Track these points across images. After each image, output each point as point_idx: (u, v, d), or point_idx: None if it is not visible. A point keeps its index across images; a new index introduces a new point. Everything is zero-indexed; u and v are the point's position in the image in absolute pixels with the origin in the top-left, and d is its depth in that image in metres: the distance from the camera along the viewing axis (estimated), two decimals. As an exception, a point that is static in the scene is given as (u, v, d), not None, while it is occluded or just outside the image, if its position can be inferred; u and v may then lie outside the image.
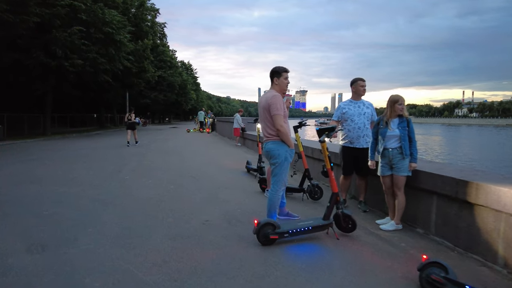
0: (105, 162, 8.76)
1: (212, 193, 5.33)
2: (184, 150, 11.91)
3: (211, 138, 18.64)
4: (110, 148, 12.69)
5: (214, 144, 14.90)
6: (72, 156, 10.14)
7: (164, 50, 45.69)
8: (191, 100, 62.41)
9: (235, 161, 9.10)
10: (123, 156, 10.18)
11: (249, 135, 12.59)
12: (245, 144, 13.27)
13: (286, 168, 3.56)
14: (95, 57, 18.90)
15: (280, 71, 3.66)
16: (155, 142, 15.45)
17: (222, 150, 12.03)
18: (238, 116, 13.32)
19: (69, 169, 7.56)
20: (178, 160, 9.21)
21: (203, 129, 24.34)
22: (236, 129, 13.27)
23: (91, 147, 13.37)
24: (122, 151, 11.63)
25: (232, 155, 10.70)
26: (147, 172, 7.29)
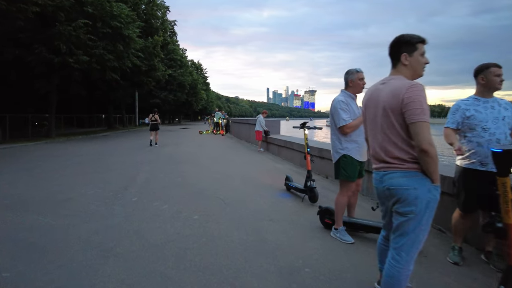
0: (110, 174, 7.23)
1: (254, 231, 3.71)
2: (201, 158, 10.33)
3: (227, 142, 17.06)
4: (117, 154, 11.21)
5: (232, 149, 13.30)
6: (72, 165, 8.65)
7: (175, 48, 44.42)
8: (202, 100, 61.10)
9: (265, 173, 7.47)
10: (131, 164, 8.66)
11: (273, 139, 10.95)
12: (269, 149, 11.63)
13: (427, 222, 1.90)
14: (102, 53, 17.56)
15: (413, 41, 2.00)
16: (167, 146, 13.93)
17: (245, 157, 10.42)
18: (261, 118, 11.69)
19: (63, 185, 6.04)
20: (196, 172, 7.62)
21: (217, 130, 22.81)
22: (259, 133, 11.65)
23: (96, 152, 11.91)
24: (130, 157, 10.13)
25: (258, 164, 9.07)
26: (160, 190, 5.71)
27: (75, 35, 15.65)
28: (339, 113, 3.35)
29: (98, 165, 8.64)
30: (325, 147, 7.11)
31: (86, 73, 19.02)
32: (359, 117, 3.35)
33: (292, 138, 10.14)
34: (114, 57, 18.66)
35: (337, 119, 3.37)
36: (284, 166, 8.53)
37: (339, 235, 3.53)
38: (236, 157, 10.56)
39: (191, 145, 14.71)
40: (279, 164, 8.93)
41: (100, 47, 17.56)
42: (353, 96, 3.47)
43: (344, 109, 3.35)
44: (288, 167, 8.40)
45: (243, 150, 12.71)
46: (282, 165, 8.78)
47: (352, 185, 3.51)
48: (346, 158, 3.39)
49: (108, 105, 29.76)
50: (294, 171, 7.83)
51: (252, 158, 10.18)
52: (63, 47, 15.33)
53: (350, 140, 3.41)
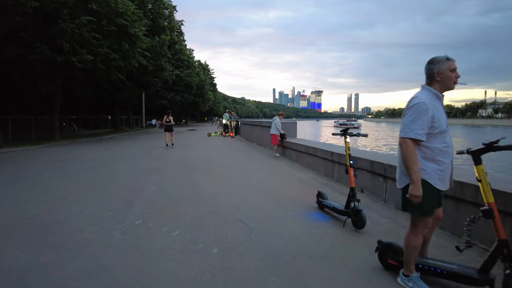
0: (112, 185, 6.36)
1: (295, 277, 2.78)
2: (213, 164, 9.43)
3: (238, 145, 16.15)
4: (122, 159, 10.37)
5: (245, 153, 12.37)
6: (71, 173, 7.81)
7: (182, 48, 43.73)
8: (209, 101, 60.39)
9: (288, 185, 6.53)
10: (136, 172, 7.79)
11: (291, 144, 10.00)
12: (286, 154, 10.68)
13: None
14: (106, 52, 16.79)
15: None
16: (174, 150, 13.07)
17: (261, 164, 9.48)
18: (278, 120, 10.73)
19: (56, 200, 5.18)
20: (210, 182, 6.71)
21: (226, 132, 21.92)
22: (274, 136, 10.70)
23: (99, 156, 11.10)
24: (135, 163, 9.27)
25: (277, 171, 8.13)
26: (169, 207, 4.80)
27: (78, 33, 14.92)
28: (412, 120, 2.35)
29: (100, 173, 7.79)
30: (359, 154, 6.13)
31: (91, 73, 18.31)
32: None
33: (313, 143, 9.17)
34: (119, 57, 17.89)
35: (405, 126, 2.38)
36: (307, 175, 7.58)
37: (412, 285, 2.57)
38: (251, 163, 9.62)
39: (200, 149, 13.83)
40: (300, 172, 7.97)
41: (105, 46, 16.80)
42: (440, 95, 2.49)
43: (421, 117, 2.33)
44: (311, 176, 7.44)
45: (256, 154, 11.78)
46: (304, 173, 7.82)
47: (428, 220, 2.54)
48: (422, 186, 2.39)
49: (114, 106, 29.08)
50: (320, 182, 6.87)
51: (268, 165, 9.23)
52: (66, 46, 14.59)
53: (431, 159, 2.41)
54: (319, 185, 6.49)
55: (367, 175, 5.80)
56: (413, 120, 2.34)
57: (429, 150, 2.40)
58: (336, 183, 6.74)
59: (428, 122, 2.34)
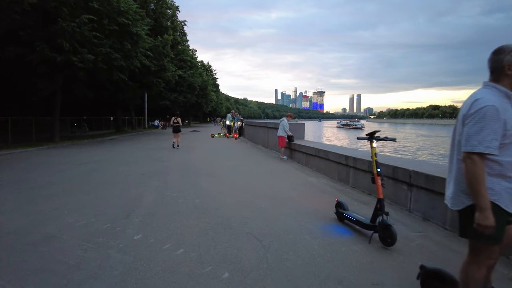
0: (110, 192, 5.90)
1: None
2: (218, 167, 8.96)
3: (242, 146, 15.68)
4: (122, 162, 9.93)
5: (251, 155, 11.90)
6: (67, 178, 7.37)
7: (184, 49, 43.38)
8: (212, 102, 60.01)
9: (301, 191, 6.04)
10: (137, 177, 7.33)
11: (300, 146, 9.51)
12: (293, 157, 10.19)
13: None
14: (108, 52, 16.39)
15: None
16: (177, 153, 12.63)
17: (268, 167, 9.00)
18: (286, 122, 10.25)
19: (47, 210, 4.72)
20: (216, 188, 6.24)
21: (230, 133, 21.47)
22: (282, 138, 10.22)
23: (99, 159, 10.67)
24: (136, 166, 8.82)
25: (286, 176, 7.64)
26: (172, 219, 4.34)
27: (79, 32, 14.52)
28: (479, 129, 1.84)
29: (98, 178, 7.33)
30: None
31: (92, 73, 17.93)
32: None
33: (324, 146, 8.68)
34: (121, 56, 17.49)
35: (471, 137, 1.87)
36: (319, 181, 7.09)
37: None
38: (258, 166, 9.14)
39: (204, 151, 13.37)
40: (311, 177, 7.48)
41: (107, 45, 16.40)
42: (510, 93, 1.98)
43: (491, 124, 1.82)
44: (323, 182, 6.95)
45: (262, 157, 11.30)
46: (315, 178, 7.33)
47: (495, 249, 2.03)
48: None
49: (116, 107, 28.71)
50: (334, 188, 6.38)
51: (276, 168, 8.74)
52: (66, 45, 14.19)
53: (500, 175, 1.90)
54: (333, 192, 6.00)
55: (387, 182, 5.29)
56: (481, 129, 1.83)
57: (498, 164, 1.87)
58: (352, 189, 6.25)
59: (501, 131, 1.83)
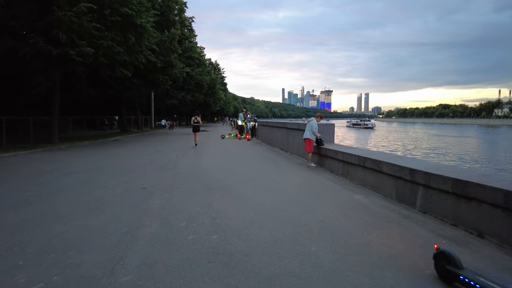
0: (92, 222, 4.33)
1: None
2: (234, 178, 7.35)
3: (258, 149, 14.04)
4: (122, 170, 8.39)
5: (271, 162, 10.26)
6: (45, 194, 5.85)
7: (192, 46, 41.94)
8: (220, 101, 58.55)
9: (353, 218, 4.39)
10: (135, 194, 5.77)
11: (334, 152, 7.84)
12: (325, 164, 8.53)
13: None
14: (110, 45, 14.92)
15: None
16: (185, 158, 11.07)
17: (297, 179, 7.34)
18: (314, 122, 8.59)
19: (3, 252, 3.18)
20: (237, 213, 4.62)
21: (242, 134, 19.87)
22: (310, 142, 8.56)
23: (95, 166, 9.15)
24: (137, 177, 7.26)
25: (325, 193, 5.99)
26: (181, 273, 2.75)
27: (77, 23, 13.05)
28: None
29: (86, 195, 5.78)
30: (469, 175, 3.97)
31: (94, 69, 16.53)
32: None
33: (372, 153, 6.96)
34: (124, 50, 16.02)
35: None
36: (371, 201, 5.42)
37: None
38: (284, 177, 7.49)
39: (216, 155, 11.77)
40: (358, 194, 5.81)
41: (108, 38, 14.93)
42: None
43: None
44: (378, 203, 5.29)
45: (285, 164, 9.65)
46: (364, 197, 5.66)
47: None
48: None
49: (121, 106, 27.35)
50: (397, 212, 4.72)
51: (308, 181, 7.09)
52: (63, 37, 12.75)
53: None
54: (400, 220, 4.34)
55: (491, 211, 3.63)
56: None
57: None
58: (423, 216, 4.58)
59: None
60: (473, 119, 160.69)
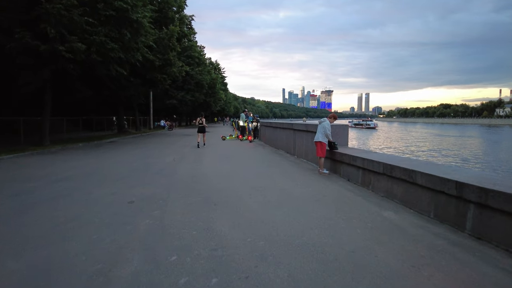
0: (60, 253, 3.40)
1: None
2: (238, 188, 6.40)
3: (261, 152, 13.10)
4: (111, 177, 7.45)
5: (277, 167, 9.30)
6: (16, 209, 4.91)
7: (192, 44, 41.00)
8: (220, 101, 57.59)
9: (391, 247, 3.42)
10: (118, 212, 4.83)
11: (352, 158, 6.89)
12: (338, 170, 7.58)
13: None
14: (103, 41, 14.00)
15: None
16: (183, 162, 10.15)
17: (310, 189, 6.38)
18: (327, 124, 7.62)
19: None
20: (243, 240, 3.68)
21: (244, 135, 18.94)
22: (322, 145, 7.60)
23: (82, 172, 8.21)
24: (127, 186, 6.33)
25: (346, 207, 5.03)
26: None
27: (67, 17, 12.15)
28: None
29: (62, 212, 4.84)
30: None
31: (88, 67, 15.61)
32: None
33: (400, 160, 5.95)
34: (119, 47, 15.10)
35: None
36: (404, 219, 4.47)
37: None
38: (294, 185, 6.53)
39: (216, 159, 10.82)
40: (387, 211, 4.84)
41: (102, 34, 14.02)
42: None
43: None
44: (414, 222, 4.33)
45: (293, 169, 8.70)
46: (395, 214, 4.70)
47: None
48: None
49: (119, 106, 26.41)
50: (442, 237, 3.76)
51: (323, 191, 6.12)
52: (51, 31, 11.82)
53: None
54: (449, 248, 3.39)
55: None
56: None
57: None
58: (477, 242, 3.62)
59: None
60: (474, 118, 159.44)
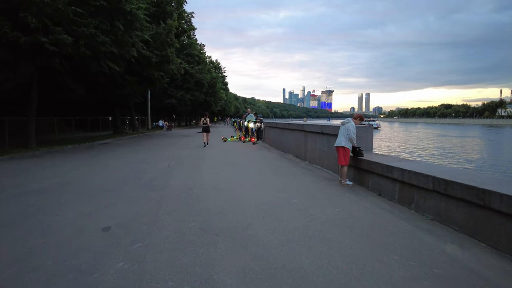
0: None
1: None
2: (245, 208, 5.12)
3: (268, 157, 11.82)
4: (89, 189, 6.19)
5: (288, 176, 8.02)
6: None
7: (192, 42, 39.75)
8: (221, 100, 56.31)
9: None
10: (88, 243, 3.57)
11: (386, 168, 5.61)
12: (367, 183, 6.30)
13: None
14: (93, 33, 12.72)
15: None
16: (179, 168, 8.89)
17: (337, 210, 5.10)
18: (352, 125, 6.34)
19: None
20: None
21: (247, 137, 17.67)
22: (345, 151, 6.33)
23: (57, 183, 6.93)
24: (104, 205, 5.07)
25: (391, 241, 3.76)
26: None
27: (51, 5, 10.89)
28: None
29: (12, 246, 3.58)
30: None
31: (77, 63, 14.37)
32: None
33: (457, 173, 4.63)
34: (111, 41, 13.83)
35: None
36: (475, 258, 3.19)
37: None
38: (316, 203, 5.23)
39: (217, 165, 9.54)
40: (447, 243, 3.56)
41: (91, 26, 12.74)
42: None
43: None
44: (494, 264, 3.07)
45: (308, 179, 7.41)
46: (459, 248, 3.42)
47: None
48: None
49: (114, 106, 25.14)
50: None
51: (354, 213, 4.84)
52: (32, 21, 10.56)
53: None
54: None
55: None
56: None
57: None
58: None
59: None
60: (476, 119, 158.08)
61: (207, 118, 15.42)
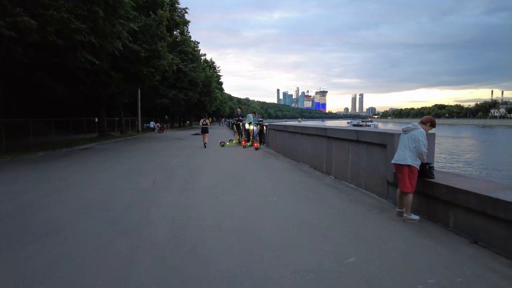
0: None
1: None
2: (271, 275, 3.05)
3: (276, 167, 9.77)
4: (37, 226, 4.08)
5: (313, 201, 5.95)
6: None
7: (186, 39, 37.54)
8: (216, 101, 54.13)
9: None
10: None
11: (476, 199, 3.59)
12: (447, 219, 4.26)
13: None
14: (66, 18, 10.56)
15: None
16: (168, 188, 6.80)
17: (413, 271, 3.07)
18: (422, 133, 4.30)
19: None
20: None
21: (248, 141, 15.60)
22: (412, 171, 4.28)
23: (10, 209, 4.81)
24: (49, 260, 2.99)
25: None
26: None
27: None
28: None
29: None
30: None
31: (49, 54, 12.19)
32: None
33: None
34: (89, 29, 11.67)
35: None
36: None
37: None
38: (382, 262, 3.23)
39: (218, 182, 7.40)
40: None
41: (64, 9, 10.58)
42: None
43: None
44: None
45: (346, 206, 5.37)
46: None
47: None
48: None
49: (100, 106, 22.86)
50: None
51: (451, 279, 2.84)
52: (-18, -2, 8.40)
53: None
54: None
55: None
56: None
57: None
58: None
59: None
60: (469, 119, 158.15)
61: (206, 119, 15.74)
